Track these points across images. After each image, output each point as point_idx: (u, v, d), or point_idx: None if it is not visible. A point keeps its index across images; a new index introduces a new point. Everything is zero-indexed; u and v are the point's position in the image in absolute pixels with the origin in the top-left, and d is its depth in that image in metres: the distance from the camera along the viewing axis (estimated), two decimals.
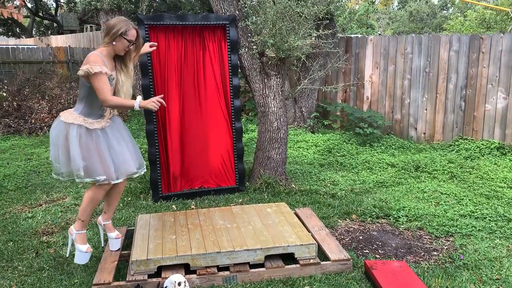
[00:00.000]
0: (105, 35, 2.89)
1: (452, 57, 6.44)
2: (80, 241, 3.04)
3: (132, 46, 2.92)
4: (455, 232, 3.70)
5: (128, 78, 2.99)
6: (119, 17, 2.97)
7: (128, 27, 2.87)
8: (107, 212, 3.26)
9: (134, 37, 2.89)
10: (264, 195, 4.45)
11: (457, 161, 5.65)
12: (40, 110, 8.23)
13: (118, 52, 2.90)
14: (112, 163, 2.94)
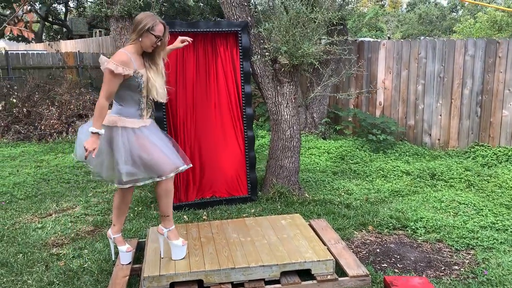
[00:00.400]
0: (132, 31, 2.82)
1: (467, 62, 6.31)
2: (174, 237, 2.97)
3: (159, 41, 2.82)
4: (476, 244, 3.58)
5: (158, 75, 2.91)
6: (145, 12, 2.88)
7: (155, 22, 2.77)
8: (117, 224, 3.17)
9: (161, 32, 2.80)
10: (277, 205, 4.35)
11: (474, 168, 5.51)
12: (50, 116, 8.20)
13: (145, 48, 2.81)
14: (172, 152, 2.90)
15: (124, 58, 2.72)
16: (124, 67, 2.70)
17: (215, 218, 4.09)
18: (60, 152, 7.05)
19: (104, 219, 4.17)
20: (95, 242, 3.66)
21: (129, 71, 2.73)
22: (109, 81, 2.68)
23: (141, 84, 2.83)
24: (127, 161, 2.77)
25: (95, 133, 2.65)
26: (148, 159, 2.78)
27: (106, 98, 2.70)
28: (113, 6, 4.44)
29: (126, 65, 2.72)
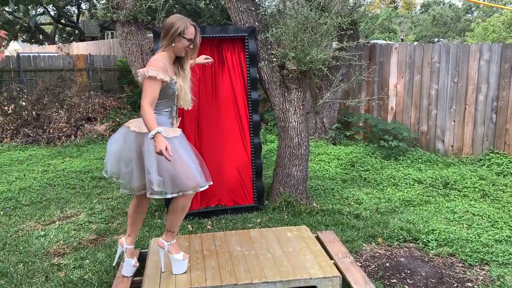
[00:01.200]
0: (163, 37, 2.74)
1: (482, 67, 6.13)
2: (175, 251, 2.90)
3: (192, 44, 2.76)
4: (491, 260, 3.43)
5: (186, 81, 2.85)
6: (175, 15, 2.81)
7: (186, 25, 2.71)
8: (131, 234, 3.07)
9: (193, 34, 2.74)
10: (284, 215, 4.24)
11: (488, 177, 5.34)
12: (59, 119, 8.20)
13: (178, 53, 2.76)
14: (197, 168, 2.79)
15: (162, 65, 2.66)
16: (164, 73, 2.65)
17: (220, 228, 4.00)
18: (68, 156, 7.03)
19: (108, 227, 4.10)
20: (97, 252, 3.58)
21: (167, 78, 2.68)
22: (151, 87, 2.61)
23: (175, 91, 2.79)
24: (159, 170, 2.65)
25: (155, 134, 2.49)
26: (173, 172, 2.67)
27: (150, 104, 2.61)
28: (119, 11, 4.38)
29: (164, 71, 2.67)
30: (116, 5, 4.42)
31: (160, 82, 2.64)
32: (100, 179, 5.70)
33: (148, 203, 3.09)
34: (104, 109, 9.09)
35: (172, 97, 2.80)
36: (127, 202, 4.73)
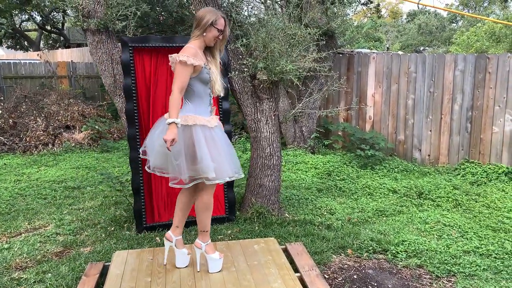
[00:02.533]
0: (195, 27, 2.90)
1: (457, 77, 6.18)
2: (211, 250, 3.02)
3: (221, 35, 2.91)
4: (458, 271, 3.42)
5: (217, 69, 3.00)
6: (206, 7, 3.01)
7: (217, 16, 2.86)
8: (180, 225, 3.10)
9: (223, 26, 2.89)
10: (255, 226, 4.19)
11: (462, 187, 5.36)
12: (36, 127, 8.08)
13: (208, 43, 2.90)
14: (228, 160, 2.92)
15: (193, 51, 2.80)
16: (195, 58, 2.77)
17: (190, 240, 3.94)
18: (44, 165, 6.92)
19: (75, 239, 4.02)
20: (61, 265, 3.50)
21: (199, 62, 2.80)
22: (181, 73, 2.74)
23: (210, 77, 2.91)
24: (212, 158, 2.80)
25: (171, 123, 2.65)
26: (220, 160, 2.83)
27: (180, 90, 2.75)
28: (90, 19, 4.33)
29: (196, 57, 2.80)
30: (87, 13, 4.38)
31: (191, 68, 2.77)
32: (74, 189, 5.62)
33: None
34: (84, 117, 9.00)
35: (208, 83, 2.92)
36: (97, 213, 4.65)
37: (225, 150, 2.92)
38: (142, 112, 4.03)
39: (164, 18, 13.16)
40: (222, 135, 3.00)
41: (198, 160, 2.77)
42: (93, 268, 3.22)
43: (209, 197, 2.94)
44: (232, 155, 2.98)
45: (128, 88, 3.89)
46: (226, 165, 2.88)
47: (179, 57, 2.74)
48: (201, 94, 2.90)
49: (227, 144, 2.99)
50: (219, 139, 2.90)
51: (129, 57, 3.84)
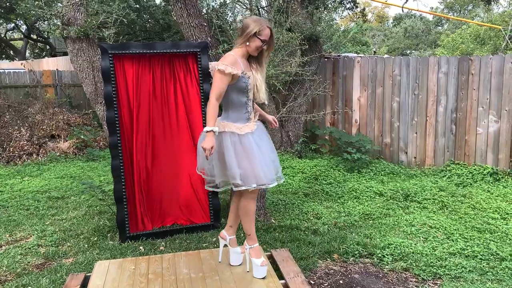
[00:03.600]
0: (239, 35, 2.93)
1: (441, 79, 6.22)
2: (255, 255, 3.06)
3: (265, 45, 2.90)
4: (444, 273, 3.41)
5: (263, 78, 3.02)
6: (252, 16, 3.00)
7: (262, 27, 2.85)
8: (233, 225, 3.25)
9: (267, 36, 2.89)
10: (241, 233, 4.14)
11: (448, 188, 5.38)
12: (20, 137, 7.97)
13: (251, 52, 2.91)
14: (262, 167, 2.90)
15: (232, 59, 2.84)
16: (233, 67, 2.81)
17: (174, 248, 3.89)
18: (27, 175, 6.81)
19: (57, 250, 3.94)
20: (41, 277, 3.42)
21: (237, 71, 2.82)
22: (219, 80, 2.80)
23: (248, 85, 2.91)
24: (239, 164, 2.85)
25: (209, 131, 2.74)
26: (248, 167, 2.85)
27: (217, 98, 2.80)
28: (70, 27, 4.28)
29: (235, 65, 2.83)
30: (67, 21, 4.33)
31: (229, 76, 2.81)
32: (58, 199, 5.53)
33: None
34: (69, 126, 8.90)
35: (246, 91, 2.92)
36: (81, 223, 4.58)
37: (258, 157, 2.89)
38: (124, 120, 3.98)
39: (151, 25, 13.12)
40: (260, 141, 2.97)
41: (227, 166, 2.87)
42: (74, 279, 3.15)
43: (247, 203, 2.97)
44: (268, 162, 2.96)
45: (109, 96, 3.84)
46: (257, 172, 2.86)
47: (218, 65, 2.80)
48: (236, 102, 2.93)
49: (265, 150, 2.98)
50: (251, 146, 2.89)
51: (109, 65, 3.80)
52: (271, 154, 3.06)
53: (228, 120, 2.94)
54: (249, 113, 2.98)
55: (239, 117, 2.94)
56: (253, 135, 2.94)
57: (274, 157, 3.09)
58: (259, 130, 3.04)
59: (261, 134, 3.04)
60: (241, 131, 2.90)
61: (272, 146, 3.12)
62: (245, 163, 2.86)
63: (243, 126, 2.92)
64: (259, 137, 3.00)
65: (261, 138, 3.01)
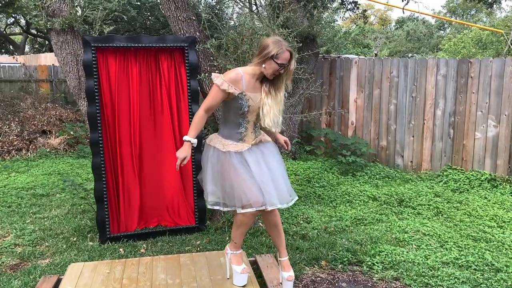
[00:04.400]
0: (257, 54, 2.72)
1: (439, 82, 6.06)
2: (235, 261, 2.90)
3: (283, 69, 2.65)
4: (435, 284, 3.24)
5: (276, 103, 2.73)
6: (274, 37, 2.73)
7: (281, 49, 2.61)
8: (279, 248, 2.94)
9: (286, 60, 2.63)
10: (226, 236, 3.99)
11: (444, 194, 5.21)
12: (9, 132, 7.80)
13: (267, 75, 2.67)
14: (256, 187, 2.66)
15: (234, 77, 2.66)
16: (230, 85, 2.63)
17: (155, 251, 3.72)
18: (14, 171, 6.66)
19: (34, 251, 3.78)
20: (13, 279, 3.27)
21: (234, 90, 2.64)
22: (213, 94, 2.67)
23: (244, 107, 2.69)
24: (214, 180, 2.74)
25: (187, 141, 2.67)
26: (227, 186, 2.69)
27: (205, 110, 2.70)
28: (54, 19, 4.12)
29: (234, 83, 2.65)
30: (52, 12, 4.17)
31: (224, 93, 2.64)
32: (42, 196, 5.37)
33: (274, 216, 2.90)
34: (61, 122, 8.74)
35: (240, 112, 2.71)
36: (62, 222, 4.42)
37: (242, 177, 2.65)
38: (107, 116, 3.82)
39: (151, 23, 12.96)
40: (254, 162, 2.72)
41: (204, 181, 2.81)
42: (46, 282, 2.99)
43: (243, 217, 2.73)
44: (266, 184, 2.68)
45: (91, 90, 3.68)
46: (239, 193, 2.65)
47: (217, 78, 2.66)
48: (230, 119, 2.76)
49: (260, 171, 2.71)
50: (231, 164, 2.68)
51: (91, 58, 3.64)
52: (275, 176, 2.75)
53: (219, 134, 2.82)
54: (242, 134, 2.76)
55: (230, 134, 2.76)
56: (241, 155, 2.71)
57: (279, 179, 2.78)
58: (253, 153, 2.76)
59: (254, 156, 2.75)
60: (224, 148, 2.72)
61: (277, 168, 2.82)
62: (223, 181, 2.70)
63: (230, 144, 2.73)
64: (250, 158, 2.73)
65: (252, 159, 2.73)
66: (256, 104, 2.70)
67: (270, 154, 2.84)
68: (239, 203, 2.66)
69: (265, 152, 2.81)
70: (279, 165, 2.86)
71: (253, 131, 2.79)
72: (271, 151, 2.86)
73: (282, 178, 2.83)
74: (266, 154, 2.81)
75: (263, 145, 2.84)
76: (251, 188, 2.65)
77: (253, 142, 2.77)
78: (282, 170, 2.88)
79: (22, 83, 10.81)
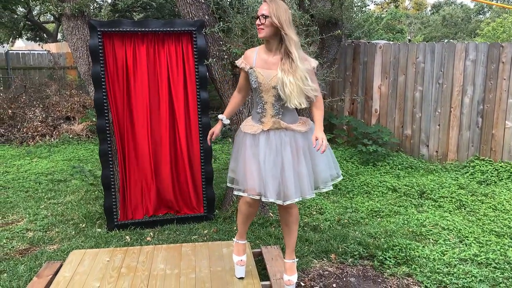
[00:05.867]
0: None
1: (468, 67, 5.72)
2: (235, 251, 2.84)
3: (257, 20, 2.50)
4: (450, 282, 3.05)
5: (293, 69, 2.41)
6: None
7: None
8: (286, 248, 2.75)
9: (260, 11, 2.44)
10: (234, 226, 3.90)
11: (469, 186, 4.94)
12: (34, 118, 7.95)
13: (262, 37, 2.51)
14: (257, 175, 2.50)
15: (248, 52, 2.63)
16: (243, 61, 2.61)
17: (161, 239, 3.67)
18: (37, 157, 6.77)
19: (43, 236, 3.81)
20: (20, 264, 3.28)
21: (244, 65, 2.59)
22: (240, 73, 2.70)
23: (254, 83, 2.54)
24: (234, 157, 2.70)
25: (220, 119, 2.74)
26: (239, 165, 2.62)
27: (237, 89, 2.77)
28: (64, 4, 4.08)
29: (246, 59, 2.60)
30: None
31: (242, 70, 2.63)
32: (59, 182, 5.43)
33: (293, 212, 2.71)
34: (85, 108, 8.84)
35: (254, 88, 2.57)
36: (74, 208, 4.44)
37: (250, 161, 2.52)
38: (114, 102, 3.77)
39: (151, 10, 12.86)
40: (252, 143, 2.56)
41: None
42: (48, 268, 2.98)
43: (240, 203, 2.70)
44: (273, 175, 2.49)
45: (97, 76, 3.63)
46: (247, 176, 2.51)
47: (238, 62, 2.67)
48: (254, 99, 2.64)
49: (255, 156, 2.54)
50: (243, 145, 2.58)
51: (97, 43, 3.58)
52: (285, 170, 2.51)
53: (251, 116, 2.72)
54: (261, 115, 2.55)
55: (253, 115, 2.64)
56: (256, 138, 2.55)
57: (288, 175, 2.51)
58: (269, 140, 2.54)
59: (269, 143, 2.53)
60: (243, 128, 2.64)
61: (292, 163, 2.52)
62: (237, 160, 2.63)
63: (249, 125, 2.61)
64: (265, 145, 2.53)
65: (267, 146, 2.52)
66: (268, 82, 2.47)
67: (290, 146, 2.54)
68: (242, 185, 2.59)
69: (285, 141, 2.54)
70: (295, 160, 2.54)
71: (274, 114, 2.53)
72: (295, 143, 2.55)
73: (294, 174, 2.51)
74: (285, 144, 2.54)
75: (287, 133, 2.55)
76: (252, 173, 2.51)
77: (271, 126, 2.53)
78: (300, 167, 2.53)
79: (50, 70, 11.02)
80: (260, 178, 2.52)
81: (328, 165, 2.65)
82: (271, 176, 2.51)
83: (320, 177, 2.63)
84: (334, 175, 2.69)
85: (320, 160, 2.60)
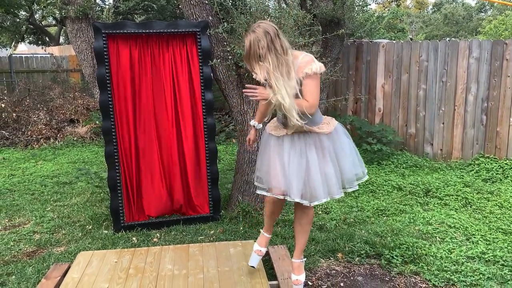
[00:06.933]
0: None
1: (472, 65, 5.71)
2: (258, 241, 2.88)
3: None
4: (458, 280, 3.05)
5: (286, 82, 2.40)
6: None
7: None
8: (296, 247, 2.75)
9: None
10: (240, 226, 3.90)
11: (474, 184, 4.93)
12: (38, 121, 7.97)
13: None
14: (281, 176, 2.53)
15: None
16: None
17: (168, 240, 3.68)
18: (42, 159, 6.79)
19: (50, 238, 3.82)
20: (28, 266, 3.30)
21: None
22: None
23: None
24: (260, 156, 2.74)
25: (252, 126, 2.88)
26: (264, 165, 2.66)
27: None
28: (69, 6, 4.10)
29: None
30: (67, 0, 4.15)
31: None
32: (65, 184, 5.44)
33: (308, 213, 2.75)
34: (88, 111, 8.86)
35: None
36: (80, 210, 4.45)
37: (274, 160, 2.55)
38: (119, 104, 3.78)
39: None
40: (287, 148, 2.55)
41: None
42: (56, 270, 3.00)
43: (267, 204, 2.73)
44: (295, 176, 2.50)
45: (102, 78, 3.64)
46: (272, 175, 2.55)
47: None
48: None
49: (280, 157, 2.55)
50: (266, 143, 2.65)
51: (102, 45, 3.59)
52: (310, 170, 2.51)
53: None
54: (284, 118, 2.53)
55: (278, 117, 2.65)
56: (280, 139, 2.57)
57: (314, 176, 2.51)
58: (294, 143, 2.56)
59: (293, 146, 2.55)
60: (268, 129, 2.69)
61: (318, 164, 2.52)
62: (262, 159, 2.69)
63: (274, 126, 2.67)
64: (290, 147, 2.55)
65: (292, 149, 2.54)
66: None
67: (315, 147, 2.54)
68: (266, 184, 2.63)
69: (310, 143, 2.55)
70: (321, 160, 2.54)
71: (289, 120, 2.46)
72: (320, 144, 2.55)
73: (321, 175, 2.51)
74: (310, 146, 2.55)
75: (311, 135, 2.55)
76: (277, 172, 2.54)
77: (294, 130, 2.53)
78: (327, 167, 2.53)
79: (53, 73, 11.06)
80: (285, 177, 2.53)
81: (353, 164, 2.65)
82: (295, 176, 2.51)
83: (346, 177, 2.63)
84: (359, 174, 2.69)
85: (345, 160, 2.60)
